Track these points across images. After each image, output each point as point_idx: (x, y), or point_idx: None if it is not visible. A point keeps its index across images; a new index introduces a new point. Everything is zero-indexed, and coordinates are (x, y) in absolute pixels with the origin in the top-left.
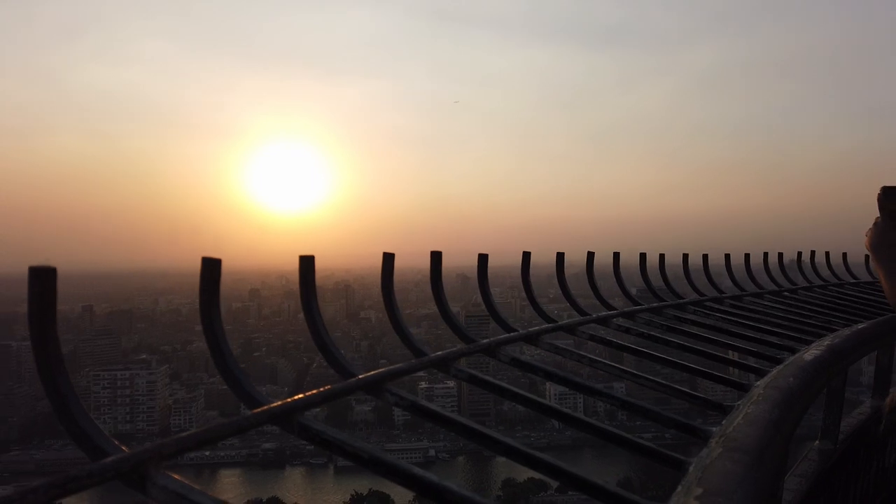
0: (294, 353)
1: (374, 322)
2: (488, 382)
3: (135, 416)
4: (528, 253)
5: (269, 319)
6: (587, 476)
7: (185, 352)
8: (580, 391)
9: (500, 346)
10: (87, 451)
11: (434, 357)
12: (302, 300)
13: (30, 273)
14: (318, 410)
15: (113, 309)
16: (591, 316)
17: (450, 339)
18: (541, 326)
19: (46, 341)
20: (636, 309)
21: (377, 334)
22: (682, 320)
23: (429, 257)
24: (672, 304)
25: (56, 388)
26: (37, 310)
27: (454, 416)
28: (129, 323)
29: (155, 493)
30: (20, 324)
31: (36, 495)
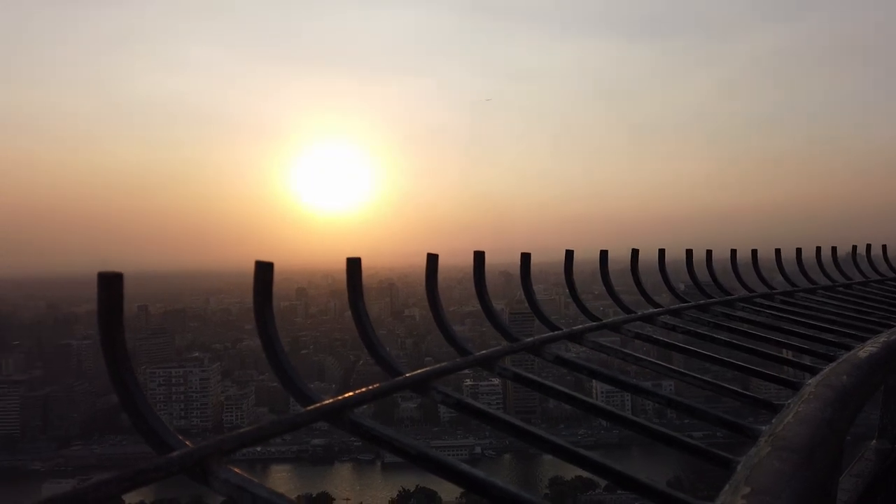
0: (341, 350)
1: (418, 320)
2: (533, 381)
3: (189, 412)
4: (572, 251)
5: (315, 318)
6: (635, 475)
7: (236, 350)
8: (626, 389)
9: (544, 345)
10: (153, 446)
11: (479, 356)
12: (350, 301)
13: (99, 278)
14: (365, 407)
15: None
16: (637, 313)
17: (493, 336)
18: (585, 325)
19: (115, 343)
20: (683, 306)
21: (422, 332)
22: (731, 317)
23: (471, 255)
24: (720, 301)
25: (124, 386)
26: (105, 313)
27: (499, 414)
28: (182, 322)
29: (217, 486)
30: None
31: (109, 487)
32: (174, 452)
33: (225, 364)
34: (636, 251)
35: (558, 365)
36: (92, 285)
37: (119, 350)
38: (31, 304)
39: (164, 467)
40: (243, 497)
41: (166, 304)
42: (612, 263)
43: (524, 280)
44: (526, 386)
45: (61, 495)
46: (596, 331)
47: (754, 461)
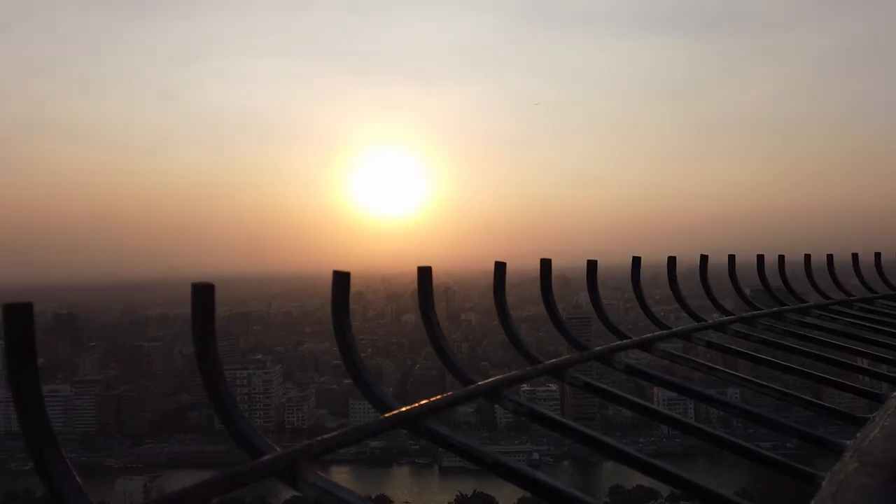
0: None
1: (474, 324)
2: (605, 391)
3: (252, 413)
4: (639, 258)
5: (373, 321)
6: (705, 484)
7: (297, 352)
8: (698, 399)
9: (613, 353)
10: (244, 450)
11: (549, 364)
12: (421, 309)
13: (193, 289)
14: None
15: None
16: (707, 321)
17: (550, 341)
18: (655, 333)
19: (207, 350)
20: (755, 314)
21: (478, 336)
22: (805, 325)
23: (524, 259)
24: (794, 308)
25: (216, 391)
26: (199, 322)
27: (572, 424)
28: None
29: (306, 489)
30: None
31: (209, 489)
32: (265, 456)
33: (286, 366)
34: (705, 258)
35: (629, 374)
36: (162, 289)
37: (211, 357)
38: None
39: (257, 470)
40: (330, 501)
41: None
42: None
43: (591, 288)
44: (597, 396)
45: (167, 496)
46: (665, 339)
47: (840, 477)
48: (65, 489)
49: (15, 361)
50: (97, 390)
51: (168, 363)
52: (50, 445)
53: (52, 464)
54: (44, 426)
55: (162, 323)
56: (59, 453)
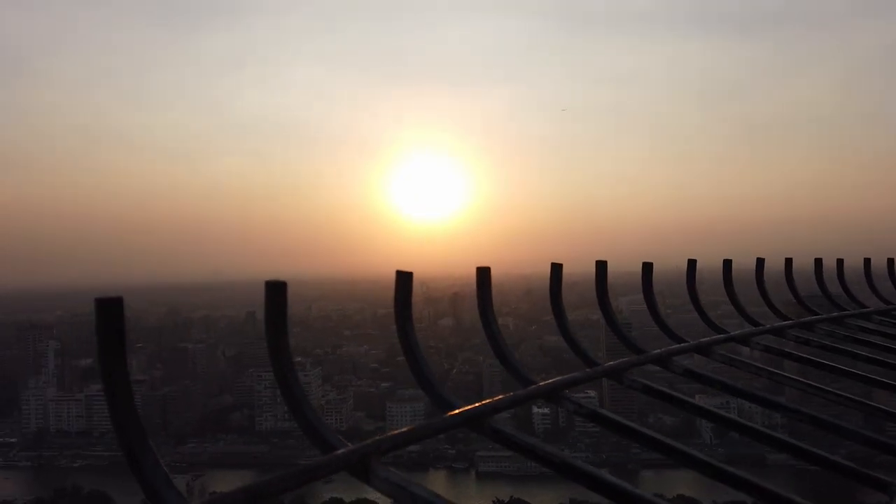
0: (435, 358)
1: (511, 329)
2: (664, 393)
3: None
4: (694, 261)
5: None
6: (774, 488)
7: (336, 355)
8: (761, 405)
9: (671, 357)
10: (317, 445)
11: (607, 367)
12: (480, 310)
13: (266, 287)
14: None
15: None
16: (765, 326)
17: (589, 346)
18: (712, 337)
19: (280, 348)
20: (815, 319)
21: (515, 340)
22: (867, 331)
23: (566, 263)
24: (855, 314)
25: (289, 389)
26: (271, 319)
27: (637, 427)
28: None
29: (378, 483)
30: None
31: (285, 482)
32: (338, 451)
33: (325, 369)
34: (761, 261)
35: (688, 378)
36: (205, 292)
37: (284, 355)
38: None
39: (331, 464)
40: (403, 495)
41: None
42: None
43: (647, 291)
44: (657, 398)
45: (244, 488)
46: (724, 343)
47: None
48: (156, 482)
49: (106, 355)
50: (143, 390)
51: (211, 365)
52: (139, 438)
53: (142, 457)
54: (133, 419)
55: (205, 325)
56: (149, 446)
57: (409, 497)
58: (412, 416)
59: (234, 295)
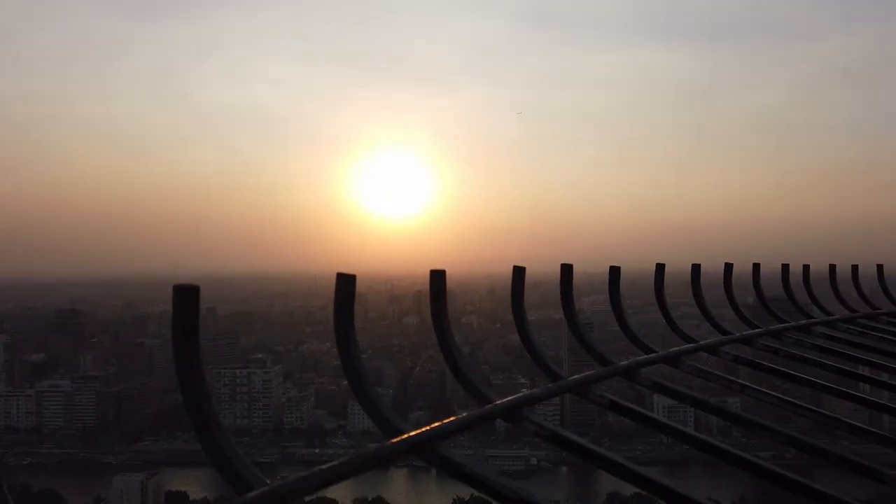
0: (399, 356)
1: (475, 328)
2: (634, 411)
3: (251, 412)
4: (663, 265)
5: (374, 322)
6: (690, 494)
7: (297, 352)
8: (736, 423)
9: (639, 369)
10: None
11: (572, 381)
12: (433, 317)
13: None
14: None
15: (234, 310)
16: (734, 335)
17: (549, 347)
18: (681, 347)
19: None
20: (783, 327)
21: (478, 340)
22: (835, 340)
23: (528, 263)
24: (822, 322)
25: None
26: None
27: (599, 450)
28: (247, 324)
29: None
30: (153, 323)
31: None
32: (253, 492)
33: (287, 366)
34: (730, 266)
35: (656, 392)
36: (164, 286)
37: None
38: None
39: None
40: None
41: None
42: (677, 274)
43: (613, 295)
44: (624, 416)
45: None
46: (693, 353)
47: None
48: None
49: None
50: (98, 386)
51: (169, 361)
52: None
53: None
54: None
55: (163, 320)
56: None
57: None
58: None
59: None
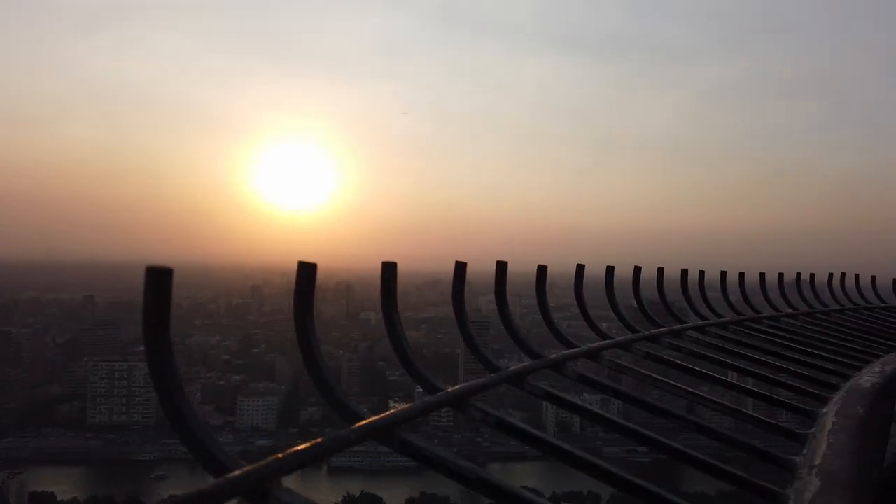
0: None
1: (373, 323)
2: (565, 401)
3: (131, 407)
4: (583, 266)
5: (269, 316)
6: (652, 487)
7: (184, 345)
8: (652, 412)
9: (566, 362)
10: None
11: (510, 372)
12: (383, 310)
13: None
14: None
15: (114, 300)
16: (643, 332)
17: (448, 343)
18: (600, 342)
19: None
20: (684, 327)
21: (376, 336)
22: (727, 339)
23: (429, 261)
24: (715, 323)
25: (172, 403)
26: (152, 313)
27: (543, 435)
28: (129, 314)
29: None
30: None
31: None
32: (234, 472)
33: None
34: (638, 269)
35: (580, 383)
36: (35, 272)
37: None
38: None
39: (226, 489)
40: None
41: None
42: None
43: (540, 294)
44: (556, 405)
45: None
46: (609, 349)
47: (807, 497)
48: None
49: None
50: None
51: (38, 352)
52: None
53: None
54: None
55: (33, 308)
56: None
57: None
58: (265, 410)
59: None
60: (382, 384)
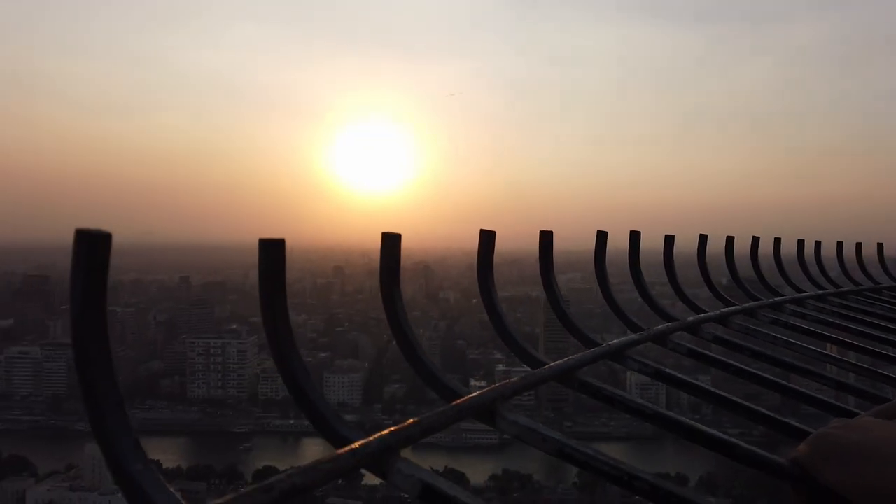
0: (375, 329)
1: (452, 303)
2: (674, 377)
3: (226, 382)
4: (672, 236)
5: (351, 296)
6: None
7: None
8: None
9: (667, 336)
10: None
11: (611, 347)
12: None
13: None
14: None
15: (207, 280)
16: (738, 306)
17: (528, 321)
18: (696, 316)
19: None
20: (782, 299)
21: (455, 315)
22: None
23: (510, 240)
24: (814, 296)
25: (289, 365)
26: (267, 281)
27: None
28: (221, 294)
29: (399, 480)
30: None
31: (294, 480)
32: (355, 444)
33: (261, 337)
34: (732, 238)
35: (692, 357)
36: (136, 254)
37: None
38: None
39: (349, 460)
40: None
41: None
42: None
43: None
44: (664, 382)
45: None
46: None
47: None
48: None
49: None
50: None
51: (141, 329)
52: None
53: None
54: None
55: (135, 288)
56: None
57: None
58: (350, 387)
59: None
60: (462, 363)
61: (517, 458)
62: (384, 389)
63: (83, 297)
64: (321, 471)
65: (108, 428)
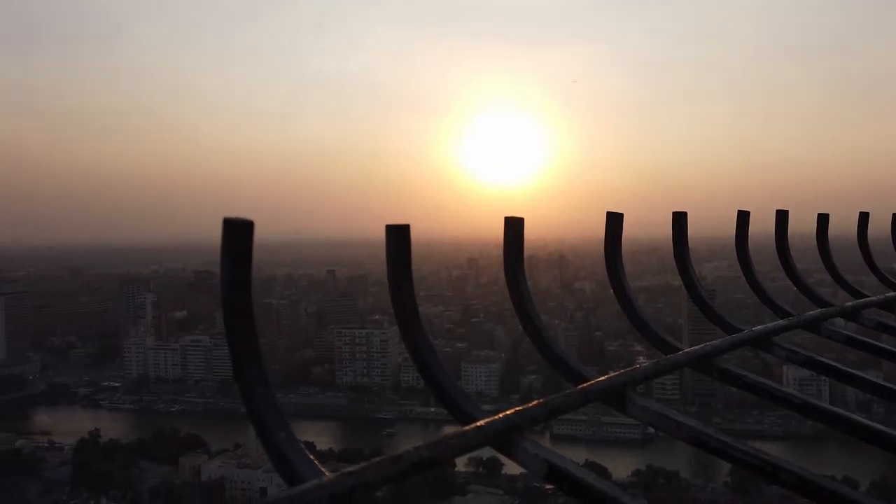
0: (510, 320)
1: (587, 293)
2: (830, 367)
3: (371, 370)
4: (826, 215)
5: (485, 287)
6: None
7: None
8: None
9: (823, 321)
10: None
11: (754, 333)
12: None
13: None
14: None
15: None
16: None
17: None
18: (854, 301)
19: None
20: None
21: (591, 305)
22: None
23: (647, 227)
24: None
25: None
26: (394, 265)
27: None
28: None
29: (524, 457)
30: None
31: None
32: (480, 421)
33: None
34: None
35: (849, 345)
36: (287, 250)
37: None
38: None
39: (475, 437)
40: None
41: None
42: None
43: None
44: (816, 371)
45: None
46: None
47: None
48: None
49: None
50: None
51: (294, 320)
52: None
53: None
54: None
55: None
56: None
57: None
58: (487, 377)
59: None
60: (601, 355)
61: (661, 454)
62: (521, 380)
63: (230, 279)
64: (448, 445)
65: (255, 400)
